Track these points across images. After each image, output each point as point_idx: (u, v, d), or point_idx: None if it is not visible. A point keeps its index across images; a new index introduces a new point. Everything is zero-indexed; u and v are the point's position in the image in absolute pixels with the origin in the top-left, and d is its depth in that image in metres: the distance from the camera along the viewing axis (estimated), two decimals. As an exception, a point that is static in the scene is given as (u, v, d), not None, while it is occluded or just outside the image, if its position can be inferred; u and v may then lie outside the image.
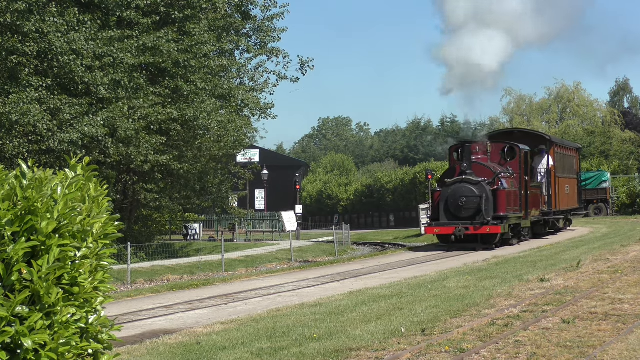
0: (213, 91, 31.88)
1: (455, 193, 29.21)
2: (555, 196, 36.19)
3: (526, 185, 32.14)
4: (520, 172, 31.70)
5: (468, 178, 29.37)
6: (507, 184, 30.09)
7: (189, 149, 33.16)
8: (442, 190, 29.72)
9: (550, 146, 36.21)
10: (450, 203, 29.28)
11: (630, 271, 18.66)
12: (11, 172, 5.20)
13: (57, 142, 26.76)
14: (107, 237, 5.58)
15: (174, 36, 30.19)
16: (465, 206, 29.09)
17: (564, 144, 41.20)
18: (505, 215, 29.50)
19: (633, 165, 74.81)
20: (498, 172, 29.89)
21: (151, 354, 10.60)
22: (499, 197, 29.51)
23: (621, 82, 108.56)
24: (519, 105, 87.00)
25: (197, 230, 48.07)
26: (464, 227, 28.76)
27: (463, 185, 29.27)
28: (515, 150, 31.95)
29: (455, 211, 29.23)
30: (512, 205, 30.37)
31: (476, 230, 28.90)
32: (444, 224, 29.23)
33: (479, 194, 29.00)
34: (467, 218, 29.08)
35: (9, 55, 26.69)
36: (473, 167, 29.87)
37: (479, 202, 28.91)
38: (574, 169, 41.76)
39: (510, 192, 30.29)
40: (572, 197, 40.74)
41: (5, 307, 4.70)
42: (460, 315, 12.88)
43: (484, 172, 29.87)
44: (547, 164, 35.63)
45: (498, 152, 31.92)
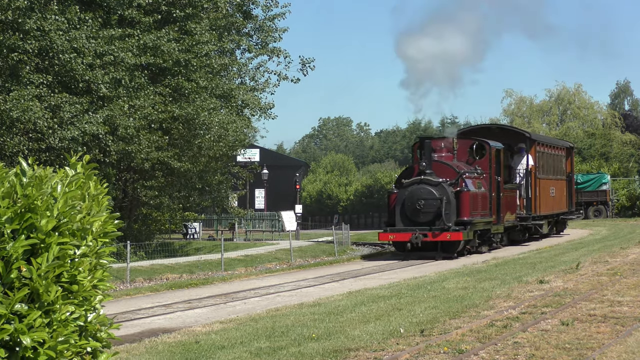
0: (214, 91, 31.88)
1: (413, 195, 26.35)
2: (535, 199, 33.19)
3: (498, 186, 29.19)
4: (491, 172, 28.77)
5: (427, 179, 26.49)
6: (473, 185, 27.27)
7: (189, 148, 33.16)
8: (399, 192, 26.87)
9: (530, 144, 33.32)
10: (407, 207, 26.44)
11: (629, 273, 18.67)
12: (11, 169, 5.20)
13: (57, 139, 26.76)
14: (107, 235, 5.58)
15: (175, 35, 30.20)
16: (423, 210, 26.21)
17: (549, 142, 38.05)
18: (469, 220, 26.59)
19: (633, 167, 74.81)
20: (462, 171, 27.11)
21: (150, 352, 10.60)
22: (462, 200, 26.57)
23: (622, 85, 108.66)
24: (519, 107, 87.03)
25: (197, 229, 48.07)
26: (421, 234, 25.91)
27: (421, 187, 26.39)
28: (484, 148, 29.02)
29: (412, 216, 26.41)
30: (479, 209, 27.49)
31: (435, 237, 25.94)
32: (400, 230, 26.41)
33: (439, 197, 26.11)
34: (426, 223, 26.21)
35: (10, 52, 26.69)
36: (434, 167, 27.01)
37: (439, 205, 26.02)
38: (562, 169, 38.70)
39: (477, 194, 27.41)
40: (558, 200, 37.62)
41: (4, 305, 4.70)
42: (459, 316, 12.89)
43: (446, 172, 27.07)
44: (527, 164, 32.90)
45: (466, 149, 29.05)
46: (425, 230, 25.95)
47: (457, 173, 26.92)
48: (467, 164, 28.45)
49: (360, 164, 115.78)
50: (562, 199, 38.25)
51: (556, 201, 36.89)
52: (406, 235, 26.05)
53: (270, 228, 52.61)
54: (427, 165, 26.67)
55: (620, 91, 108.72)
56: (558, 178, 37.50)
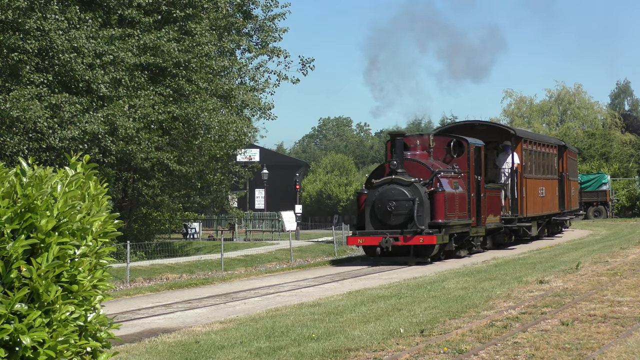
0: (214, 91, 31.89)
1: (383, 196, 24.60)
2: (522, 200, 31.28)
3: (478, 186, 27.35)
4: (470, 171, 26.89)
5: (399, 178, 24.66)
6: (449, 185, 25.50)
7: (189, 148, 33.17)
8: (369, 192, 25.08)
9: (516, 142, 31.53)
10: (377, 208, 24.67)
11: (629, 274, 18.67)
12: (11, 169, 5.20)
13: (57, 139, 26.77)
14: (107, 235, 5.59)
15: (175, 35, 30.21)
16: (394, 212, 24.45)
17: (537, 139, 35.82)
18: (444, 222, 24.78)
19: (633, 167, 74.87)
20: (436, 170, 25.32)
21: (150, 352, 10.60)
22: (436, 201, 24.83)
23: (622, 85, 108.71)
24: (519, 107, 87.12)
25: (197, 229, 48.07)
26: (392, 237, 24.09)
27: (392, 187, 24.60)
28: (462, 145, 27.09)
29: (383, 218, 24.65)
30: (455, 211, 25.65)
31: (407, 241, 24.18)
32: (370, 233, 24.57)
33: (411, 197, 24.37)
34: (398, 226, 24.41)
35: (10, 52, 26.70)
36: (406, 165, 25.17)
37: (411, 206, 24.25)
38: (554, 168, 36.79)
39: (454, 194, 25.62)
40: (549, 201, 35.61)
41: (4, 305, 4.70)
42: (459, 316, 12.89)
43: (419, 171, 25.29)
44: (512, 162, 31.10)
45: (443, 147, 27.12)
46: (397, 234, 24.20)
47: (431, 172, 25.22)
48: (445, 162, 26.78)
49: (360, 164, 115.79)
50: (553, 200, 36.49)
51: (546, 202, 35.14)
52: (376, 239, 24.25)
53: (270, 228, 52.60)
54: (399, 164, 24.88)
55: (620, 91, 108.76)
56: (548, 177, 35.81)
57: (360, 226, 25.15)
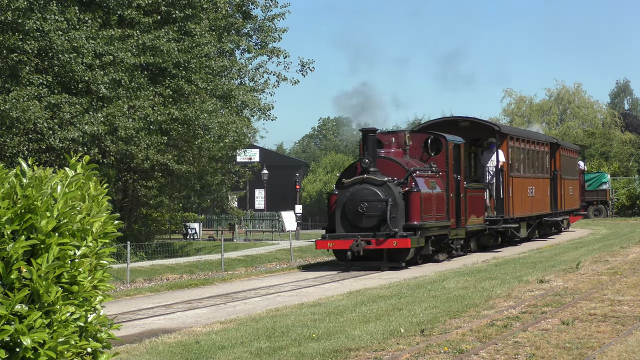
0: (214, 91, 31.90)
1: (354, 197, 23.09)
2: (508, 200, 29.60)
3: (457, 185, 25.83)
4: (448, 170, 25.41)
5: (371, 178, 23.19)
6: (425, 185, 24.08)
7: (189, 149, 33.19)
8: (339, 193, 23.55)
9: (501, 138, 29.84)
10: (348, 210, 23.17)
11: (629, 273, 18.67)
12: (11, 170, 5.21)
13: (57, 140, 26.78)
14: (107, 236, 5.59)
15: (174, 35, 30.22)
16: (366, 214, 22.93)
17: (526, 136, 33.99)
18: (420, 224, 23.33)
19: (633, 166, 74.92)
20: (411, 169, 23.85)
21: (150, 353, 10.61)
22: (412, 202, 23.37)
23: (622, 84, 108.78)
24: (519, 107, 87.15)
25: (197, 230, 48.11)
26: (363, 241, 22.60)
27: (364, 187, 23.12)
28: (440, 143, 25.54)
29: (354, 220, 23.12)
30: (432, 212, 24.20)
31: (379, 244, 22.70)
32: (340, 236, 23.10)
33: (383, 198, 22.90)
34: (370, 229, 22.92)
35: (9, 53, 26.72)
36: (379, 164, 23.73)
37: (384, 208, 22.81)
38: (545, 167, 34.92)
39: (431, 195, 24.17)
40: (539, 201, 33.78)
41: (5, 306, 4.71)
42: (459, 316, 12.89)
43: (393, 170, 23.80)
44: (497, 160, 29.38)
45: (419, 145, 25.60)
46: (369, 237, 22.73)
47: (406, 171, 23.71)
48: (422, 161, 25.31)
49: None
50: (544, 200, 34.56)
51: (536, 202, 33.31)
52: (346, 242, 22.76)
53: (270, 228, 52.63)
54: (371, 162, 23.38)
55: (620, 90, 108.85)
56: (539, 176, 33.94)
57: (331, 229, 23.71)
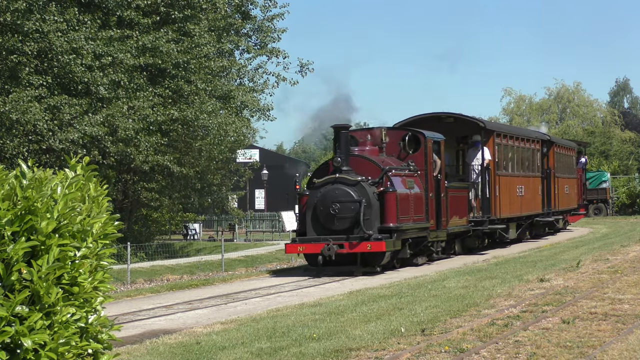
0: (213, 92, 31.90)
1: (326, 198, 21.73)
2: (495, 199, 28.15)
3: (438, 185, 24.52)
4: (427, 168, 24.16)
5: (343, 177, 21.84)
6: (402, 185, 22.77)
7: (188, 151, 33.20)
8: (310, 194, 22.19)
9: (487, 135, 28.35)
10: (319, 211, 21.82)
11: (630, 271, 18.67)
12: (11, 171, 5.21)
13: (57, 141, 26.79)
14: (107, 237, 5.59)
15: (173, 36, 30.22)
16: (339, 215, 21.56)
17: (514, 133, 32.42)
18: (396, 226, 21.96)
19: (633, 165, 74.96)
20: (387, 168, 22.46)
21: (151, 353, 10.61)
22: (387, 202, 22.04)
23: (621, 82, 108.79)
24: (518, 106, 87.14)
25: (197, 230, 48.11)
26: (336, 244, 21.21)
27: (336, 187, 21.77)
28: (419, 140, 24.17)
29: (326, 222, 21.74)
30: (410, 213, 22.87)
31: (352, 248, 21.34)
32: (312, 239, 21.75)
33: (357, 199, 21.52)
34: (343, 231, 21.54)
35: (9, 54, 26.73)
36: (352, 162, 22.35)
37: (358, 209, 21.43)
38: (536, 165, 33.35)
39: (408, 195, 22.82)
40: (530, 201, 32.21)
41: (5, 307, 4.71)
42: (460, 315, 12.89)
43: (368, 169, 22.46)
44: (483, 158, 27.84)
45: (396, 142, 24.22)
46: (341, 240, 21.36)
47: (380, 170, 22.38)
48: (399, 159, 24.02)
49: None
50: (535, 199, 33.00)
51: (526, 201, 31.78)
52: (318, 246, 21.40)
53: (270, 228, 52.62)
54: (343, 161, 22.02)
55: (620, 89, 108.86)
56: (529, 175, 32.43)
57: (302, 232, 22.35)
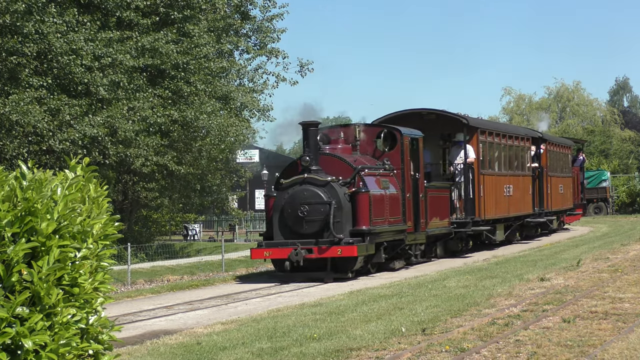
0: (213, 93, 31.90)
1: (294, 199, 20.44)
2: (479, 199, 26.76)
3: (416, 185, 23.11)
4: (404, 167, 22.64)
5: (312, 177, 20.53)
6: (376, 185, 21.40)
7: (188, 151, 33.20)
8: (277, 195, 20.85)
9: (471, 133, 26.89)
10: (287, 214, 20.52)
11: (630, 270, 18.67)
12: (11, 173, 5.21)
13: (57, 142, 26.79)
14: (107, 237, 5.59)
15: (173, 37, 30.22)
16: (307, 218, 20.28)
17: (501, 130, 30.67)
18: (369, 229, 20.62)
19: (633, 164, 74.98)
20: (359, 167, 21.11)
21: (151, 354, 10.61)
22: (359, 204, 20.69)
23: (621, 81, 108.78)
24: (518, 105, 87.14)
25: (197, 231, 48.13)
26: (304, 249, 19.96)
27: (305, 188, 20.45)
28: (395, 137, 22.81)
29: (294, 226, 20.44)
30: (385, 215, 21.52)
31: (322, 252, 20.04)
32: (279, 244, 20.46)
33: (326, 200, 20.23)
34: (312, 235, 20.30)
35: (8, 56, 26.73)
36: (323, 162, 21.02)
37: (328, 211, 20.15)
38: (524, 164, 31.77)
39: (383, 196, 21.47)
40: (519, 201, 30.73)
41: (6, 308, 4.71)
42: (460, 314, 12.90)
43: (339, 168, 21.09)
44: (465, 157, 26.39)
45: (371, 140, 23.00)
46: (310, 244, 20.10)
47: (352, 169, 21.02)
48: (374, 157, 22.74)
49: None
50: (524, 199, 31.52)
51: (515, 201, 30.28)
52: (285, 251, 20.13)
53: (270, 228, 52.56)
54: (313, 160, 20.70)
55: (619, 88, 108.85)
56: (518, 174, 30.94)
57: (269, 236, 21.02)
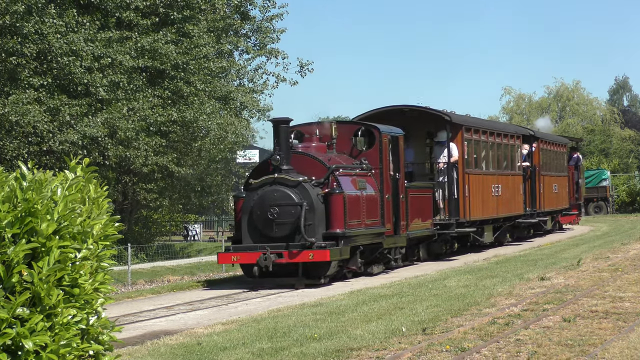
0: (212, 93, 31.88)
1: (263, 201, 19.21)
2: (464, 200, 25.56)
3: (396, 185, 22.01)
4: (383, 167, 21.45)
5: (283, 177, 19.33)
6: (351, 185, 20.19)
7: (188, 152, 33.18)
8: (247, 196, 19.67)
9: (454, 130, 25.62)
10: (256, 216, 19.31)
11: (630, 269, 18.68)
12: (11, 173, 5.21)
13: (57, 143, 26.79)
14: (107, 238, 5.60)
15: (173, 37, 30.22)
16: (278, 220, 19.07)
17: (488, 127, 29.32)
18: (343, 232, 19.41)
19: (633, 163, 74.98)
20: (333, 167, 19.91)
21: (152, 354, 10.62)
22: (333, 206, 19.47)
23: (620, 80, 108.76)
24: (518, 104, 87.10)
25: (198, 231, 48.11)
26: (274, 253, 18.80)
27: (275, 189, 19.24)
28: (373, 135, 21.72)
29: (264, 229, 19.25)
30: (361, 217, 20.31)
31: (292, 257, 18.89)
32: (247, 248, 19.34)
33: (297, 202, 19.05)
34: (282, 238, 19.08)
35: (8, 56, 26.73)
36: (295, 161, 19.85)
37: (299, 213, 18.94)
38: (514, 163, 30.53)
39: (359, 197, 20.26)
40: (508, 201, 29.44)
41: (6, 309, 4.71)
42: (461, 314, 12.90)
43: (312, 168, 19.91)
44: (449, 156, 25.18)
45: (348, 138, 21.83)
46: (280, 248, 18.95)
47: (326, 169, 19.86)
48: (351, 156, 21.61)
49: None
50: (515, 198, 30.24)
51: (504, 202, 28.94)
52: (254, 255, 19.00)
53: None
54: (284, 159, 19.46)
55: (619, 87, 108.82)
56: (507, 173, 29.72)
57: (238, 239, 19.96)
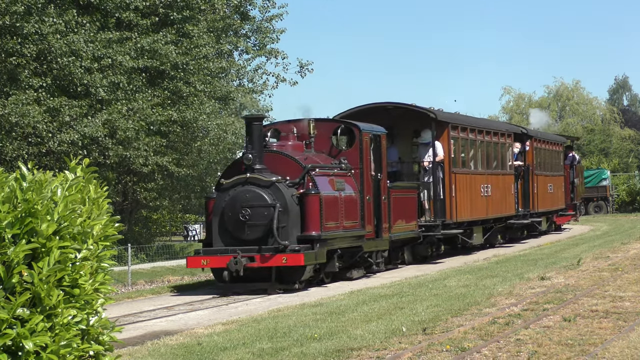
0: (212, 93, 31.88)
1: (235, 202, 18.28)
2: (451, 200, 24.58)
3: (377, 186, 21.07)
4: (364, 167, 20.52)
5: (255, 177, 18.37)
6: (328, 186, 19.26)
7: (188, 152, 33.18)
8: (218, 196, 18.70)
9: (440, 128, 24.62)
10: (227, 218, 18.37)
11: (630, 269, 18.68)
12: (11, 174, 5.21)
13: (57, 143, 26.79)
14: (108, 238, 5.60)
15: (172, 38, 30.23)
16: (250, 222, 18.12)
17: (476, 125, 28.24)
18: (319, 235, 18.46)
19: (633, 162, 74.98)
20: (309, 166, 18.98)
21: (152, 355, 10.62)
22: (309, 207, 18.55)
23: (620, 80, 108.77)
24: (518, 104, 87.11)
25: (198, 231, 48.11)
26: (245, 257, 17.82)
27: (247, 189, 18.30)
28: (353, 133, 20.76)
29: (235, 231, 18.32)
30: (339, 219, 19.37)
31: (265, 261, 17.91)
32: (218, 251, 18.36)
33: (270, 203, 18.08)
34: (254, 241, 18.14)
35: (8, 57, 26.73)
36: (269, 160, 18.84)
37: (272, 215, 17.99)
38: (505, 162, 29.51)
39: (337, 198, 19.31)
40: (500, 201, 28.56)
41: (6, 310, 4.71)
42: (461, 314, 12.90)
43: (287, 168, 18.96)
44: (434, 155, 24.26)
45: (327, 136, 20.94)
46: (252, 252, 18.00)
47: (302, 168, 18.93)
48: (331, 155, 20.72)
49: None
50: (506, 199, 29.29)
51: (494, 202, 28.00)
52: (224, 259, 18.04)
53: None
54: (256, 158, 18.49)
55: (619, 86, 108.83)
56: (498, 172, 28.66)
57: (209, 242, 18.98)
